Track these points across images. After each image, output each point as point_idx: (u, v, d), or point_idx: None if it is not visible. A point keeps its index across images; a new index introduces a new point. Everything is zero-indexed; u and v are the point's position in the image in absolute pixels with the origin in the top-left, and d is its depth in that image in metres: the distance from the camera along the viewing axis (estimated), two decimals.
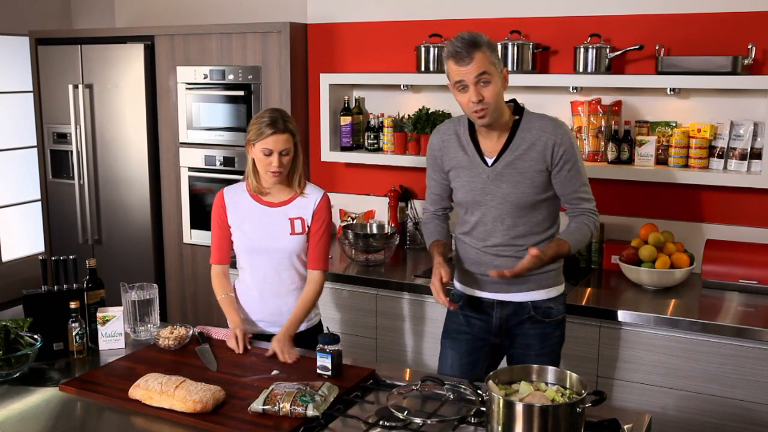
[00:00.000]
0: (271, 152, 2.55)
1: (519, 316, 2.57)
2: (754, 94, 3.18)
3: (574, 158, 2.48)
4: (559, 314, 2.61)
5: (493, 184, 2.50)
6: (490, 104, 2.38)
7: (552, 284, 2.58)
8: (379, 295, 3.39)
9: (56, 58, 4.63)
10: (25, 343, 2.34)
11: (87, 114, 4.56)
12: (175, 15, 4.85)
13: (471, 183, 2.54)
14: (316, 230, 2.68)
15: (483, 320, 2.62)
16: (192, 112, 4.30)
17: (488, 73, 2.35)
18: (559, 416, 1.76)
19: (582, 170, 2.53)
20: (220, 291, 2.72)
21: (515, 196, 2.48)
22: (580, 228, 2.53)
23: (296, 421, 1.96)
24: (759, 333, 2.70)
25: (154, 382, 2.10)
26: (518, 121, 2.50)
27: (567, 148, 2.46)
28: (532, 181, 2.46)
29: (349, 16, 4.01)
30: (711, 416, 2.81)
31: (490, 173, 2.50)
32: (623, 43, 3.36)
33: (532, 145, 2.46)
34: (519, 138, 2.48)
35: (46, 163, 4.82)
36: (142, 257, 4.58)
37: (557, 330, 2.62)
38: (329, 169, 4.18)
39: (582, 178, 2.53)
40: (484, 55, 2.35)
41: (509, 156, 2.48)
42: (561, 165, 2.46)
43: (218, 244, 2.74)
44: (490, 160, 2.50)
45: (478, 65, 2.34)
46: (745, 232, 3.29)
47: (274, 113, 2.58)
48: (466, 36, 2.36)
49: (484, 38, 2.38)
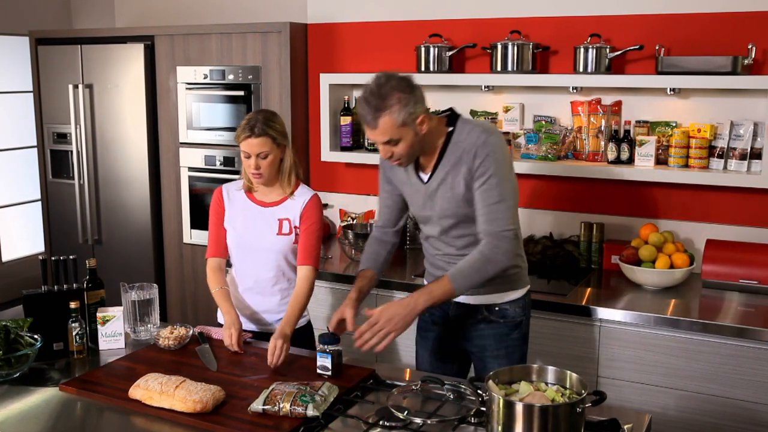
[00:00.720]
0: (249, 155, 2.60)
1: (473, 317, 2.53)
2: (754, 94, 3.18)
3: (493, 170, 2.28)
4: (516, 316, 2.53)
5: (430, 201, 2.43)
6: (402, 156, 2.31)
7: (508, 288, 2.50)
8: (379, 295, 3.39)
9: (56, 58, 4.63)
10: (25, 343, 2.34)
11: (87, 114, 4.56)
12: (175, 15, 4.85)
13: (413, 198, 2.50)
14: (305, 228, 2.69)
15: (443, 318, 2.59)
16: (192, 112, 4.30)
17: (394, 138, 2.24)
18: (559, 416, 1.76)
19: (501, 187, 2.29)
20: (215, 284, 2.71)
21: (452, 211, 2.40)
22: (473, 263, 2.30)
23: (296, 421, 1.96)
24: (759, 333, 2.70)
25: (154, 382, 2.10)
26: (451, 133, 2.38)
27: (485, 157, 2.28)
28: (463, 194, 2.35)
29: (349, 16, 4.01)
30: (711, 416, 2.81)
31: (425, 190, 2.43)
32: (623, 43, 3.36)
33: (459, 159, 2.34)
34: (450, 152, 2.36)
35: (46, 163, 4.82)
36: (142, 257, 4.57)
37: (515, 331, 2.54)
38: (329, 169, 4.18)
39: (497, 196, 2.29)
40: (391, 119, 2.21)
41: (441, 172, 2.38)
42: (476, 177, 2.31)
43: (216, 238, 2.75)
44: (426, 177, 2.43)
45: (383, 133, 2.24)
46: (745, 232, 3.29)
47: (257, 115, 2.61)
48: (371, 99, 2.22)
49: (394, 97, 2.20)
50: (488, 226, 2.30)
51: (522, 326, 2.57)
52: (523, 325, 2.57)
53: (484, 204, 2.30)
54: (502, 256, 2.29)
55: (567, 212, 3.63)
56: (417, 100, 2.25)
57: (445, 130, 2.38)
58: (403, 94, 2.22)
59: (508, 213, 2.31)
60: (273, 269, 2.72)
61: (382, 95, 2.21)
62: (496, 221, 2.29)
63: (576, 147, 3.50)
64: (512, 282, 2.52)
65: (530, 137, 3.53)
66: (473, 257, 2.31)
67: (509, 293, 2.51)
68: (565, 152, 3.52)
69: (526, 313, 2.59)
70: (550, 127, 3.56)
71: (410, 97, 2.23)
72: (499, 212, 2.29)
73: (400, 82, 2.24)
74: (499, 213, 2.29)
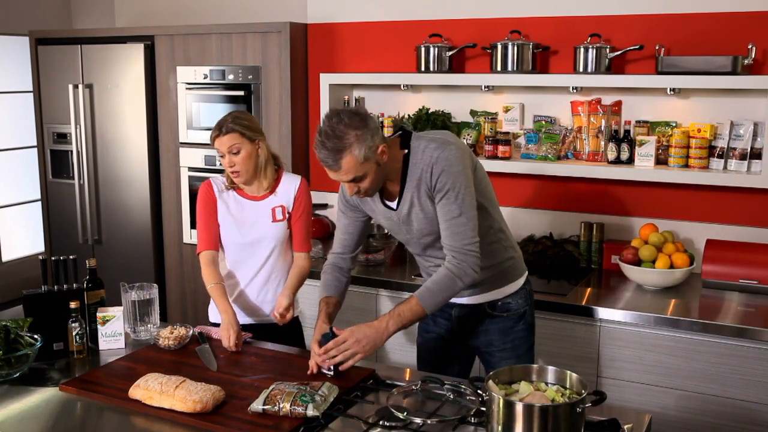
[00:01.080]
0: (223, 154, 2.64)
1: (476, 315, 2.53)
2: (754, 94, 3.18)
3: (449, 185, 2.23)
4: (519, 308, 2.53)
5: (406, 226, 2.39)
6: (369, 189, 2.27)
7: (506, 282, 2.50)
8: (379, 294, 3.39)
9: (56, 58, 4.63)
10: (25, 343, 2.34)
11: (87, 114, 4.56)
12: (175, 15, 4.85)
13: (388, 224, 2.46)
14: (299, 215, 2.77)
15: (445, 318, 2.58)
16: (192, 112, 4.30)
17: (359, 174, 2.20)
18: (559, 416, 1.76)
19: (461, 200, 2.24)
20: (211, 279, 2.67)
21: (430, 229, 2.35)
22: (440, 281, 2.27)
23: (296, 421, 1.96)
24: (759, 333, 2.70)
25: (154, 382, 2.10)
26: (407, 156, 2.31)
27: (441, 173, 2.24)
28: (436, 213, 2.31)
29: (349, 16, 4.01)
30: (711, 416, 2.81)
31: (397, 217, 2.39)
32: (623, 43, 3.36)
33: (419, 180, 2.28)
34: (410, 175, 2.30)
35: (46, 163, 4.82)
36: (142, 257, 4.57)
37: (520, 323, 2.54)
38: None
39: (456, 210, 2.24)
40: (352, 158, 2.16)
41: (407, 197, 2.33)
42: (436, 192, 2.27)
43: (207, 231, 2.73)
44: (393, 204, 2.38)
45: (347, 173, 2.19)
46: (745, 232, 3.29)
47: (227, 116, 2.67)
48: (328, 143, 2.15)
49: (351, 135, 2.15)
50: (451, 241, 2.27)
51: (526, 316, 2.56)
52: (527, 314, 2.57)
53: (445, 219, 2.27)
54: (470, 269, 2.26)
55: (567, 212, 3.63)
56: (373, 133, 2.19)
57: (400, 154, 2.32)
58: (358, 131, 2.16)
59: (469, 225, 2.26)
60: (270, 258, 2.77)
61: (338, 136, 2.15)
62: (458, 235, 2.26)
63: (576, 147, 3.50)
64: (509, 275, 2.51)
65: (530, 137, 3.53)
66: (441, 275, 2.28)
67: (508, 287, 2.51)
68: (565, 152, 3.52)
69: (529, 302, 2.58)
70: (550, 127, 3.56)
71: (366, 131, 2.17)
72: (461, 226, 2.25)
73: (352, 118, 2.18)
74: (460, 227, 2.25)
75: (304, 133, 4.18)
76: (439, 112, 3.73)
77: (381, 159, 2.23)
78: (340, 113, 2.19)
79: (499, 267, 2.47)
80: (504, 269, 2.49)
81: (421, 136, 2.34)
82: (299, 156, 4.15)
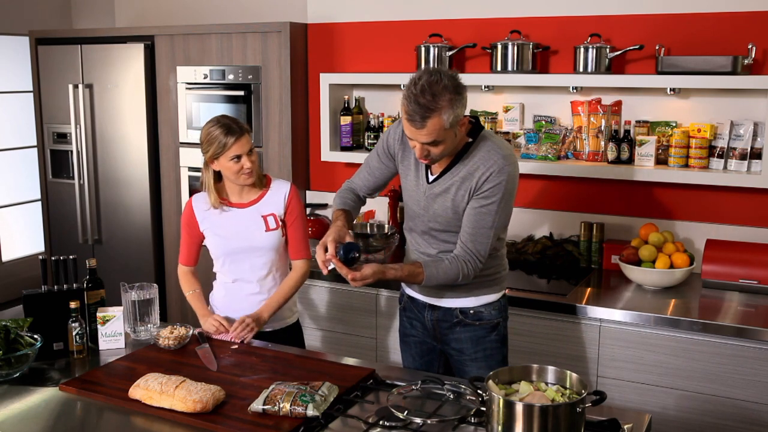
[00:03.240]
0: (240, 156, 2.61)
1: (448, 320, 2.52)
2: (754, 94, 3.18)
3: (495, 199, 2.30)
4: (492, 318, 2.52)
5: (426, 202, 2.43)
6: (438, 157, 2.29)
7: (483, 293, 2.50)
8: (379, 294, 3.39)
9: (56, 58, 4.63)
10: (25, 343, 2.34)
11: (87, 114, 4.56)
12: (175, 15, 4.85)
13: (412, 191, 2.48)
14: (293, 221, 2.76)
15: (420, 321, 2.60)
16: (192, 112, 4.30)
17: (438, 139, 2.21)
18: (559, 416, 1.76)
19: (497, 216, 2.33)
20: (188, 287, 2.82)
21: (444, 219, 2.40)
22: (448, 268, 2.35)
23: (296, 421, 1.96)
24: (759, 333, 2.70)
25: (154, 382, 2.10)
26: (470, 144, 2.35)
27: (495, 186, 2.29)
28: (463, 210, 2.36)
29: (349, 16, 4.01)
30: (711, 416, 2.81)
31: (427, 190, 2.42)
32: (623, 43, 3.36)
33: (469, 174, 2.33)
34: (462, 163, 2.35)
35: (46, 163, 4.82)
36: (142, 257, 4.57)
37: (492, 333, 2.52)
38: (329, 169, 4.18)
39: (490, 221, 2.32)
40: (440, 121, 2.16)
41: (447, 180, 2.37)
42: (478, 197, 2.31)
43: (187, 249, 2.83)
44: (432, 177, 2.41)
45: (429, 134, 2.18)
46: (745, 232, 3.29)
47: (223, 120, 2.65)
48: (422, 100, 2.14)
49: (446, 98, 2.15)
50: (472, 244, 2.35)
51: (500, 328, 2.55)
52: (501, 326, 2.56)
53: (476, 225, 2.33)
54: (471, 273, 2.36)
55: (567, 212, 3.63)
56: (464, 103, 2.22)
57: (465, 140, 2.35)
58: (453, 96, 2.16)
59: (492, 239, 2.36)
60: (266, 267, 2.75)
61: (433, 94, 2.14)
62: (480, 243, 2.34)
63: (576, 147, 3.50)
64: (489, 286, 2.52)
65: (530, 137, 3.53)
66: (450, 263, 2.35)
67: (484, 297, 2.51)
68: (565, 152, 3.52)
69: (503, 314, 2.57)
70: (550, 127, 3.56)
71: (459, 99, 2.19)
72: (486, 237, 2.34)
73: (452, 80, 2.18)
74: (485, 238, 2.34)
75: (304, 133, 4.18)
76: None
77: (459, 131, 2.27)
78: (440, 72, 2.19)
79: (482, 277, 2.47)
80: (486, 279, 2.49)
81: (490, 136, 2.38)
82: (299, 156, 4.15)
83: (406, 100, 2.18)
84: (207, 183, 2.72)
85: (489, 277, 2.50)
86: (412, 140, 2.27)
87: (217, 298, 2.83)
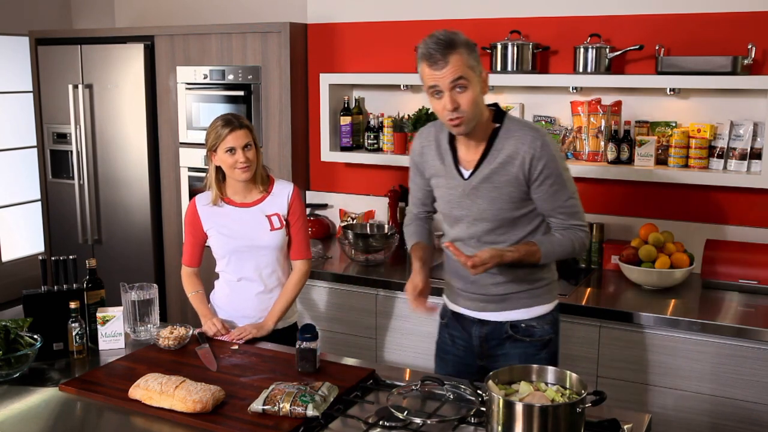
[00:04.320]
0: (234, 149, 2.63)
1: (498, 336, 2.41)
2: (753, 94, 3.18)
3: (557, 171, 2.28)
4: (544, 334, 2.41)
5: (468, 199, 2.33)
6: (467, 112, 2.18)
7: (535, 303, 2.40)
8: (379, 295, 3.39)
9: (56, 58, 4.63)
10: (25, 343, 2.34)
11: (87, 114, 4.56)
12: (175, 15, 4.85)
13: (448, 195, 2.39)
14: (296, 221, 2.78)
15: (464, 339, 2.48)
16: (192, 112, 4.30)
17: (465, 78, 2.14)
18: (559, 416, 1.76)
19: (567, 182, 2.32)
20: (191, 288, 2.82)
21: (492, 213, 2.31)
22: (562, 240, 2.32)
23: (296, 421, 1.96)
24: (759, 333, 2.70)
25: (154, 382, 2.10)
26: (497, 130, 2.30)
27: (547, 161, 2.25)
28: (510, 196, 2.29)
29: (349, 16, 4.01)
30: (710, 416, 2.81)
31: (465, 187, 2.33)
32: (623, 43, 3.36)
33: (509, 158, 2.26)
34: (496, 149, 2.28)
35: (45, 163, 4.82)
36: (142, 257, 4.57)
37: (543, 351, 2.41)
38: (329, 169, 4.18)
39: (567, 191, 2.31)
40: (461, 57, 2.13)
41: (486, 169, 2.29)
42: (542, 180, 2.26)
43: (191, 250, 2.83)
44: (467, 173, 2.33)
45: (454, 69, 2.12)
46: (745, 232, 3.29)
47: (226, 115, 2.69)
48: (441, 36, 2.14)
49: (462, 38, 2.16)
50: (568, 219, 2.33)
51: (551, 345, 2.43)
52: (552, 343, 2.44)
53: (557, 203, 2.30)
54: (585, 239, 2.35)
55: None
56: (480, 62, 2.21)
57: (491, 126, 2.30)
58: (470, 42, 2.17)
59: (580, 207, 2.35)
60: (270, 265, 2.77)
61: (450, 36, 2.14)
62: (576, 215, 2.34)
63: (576, 147, 3.50)
64: (539, 296, 2.41)
65: None
66: (562, 235, 2.33)
67: (536, 308, 2.40)
68: (565, 152, 3.52)
69: (556, 329, 2.46)
70: (550, 127, 3.56)
71: (475, 48, 2.19)
72: (573, 206, 2.33)
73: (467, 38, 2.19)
74: (573, 207, 2.33)
75: (304, 133, 4.18)
76: None
77: (483, 87, 2.23)
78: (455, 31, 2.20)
79: (533, 284, 2.38)
80: (537, 287, 2.39)
81: (515, 118, 2.35)
82: (299, 157, 4.15)
83: (423, 45, 2.16)
84: (209, 178, 2.73)
85: (538, 283, 2.39)
86: (437, 91, 2.18)
87: (219, 298, 2.83)
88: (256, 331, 2.63)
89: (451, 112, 2.17)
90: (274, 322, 2.70)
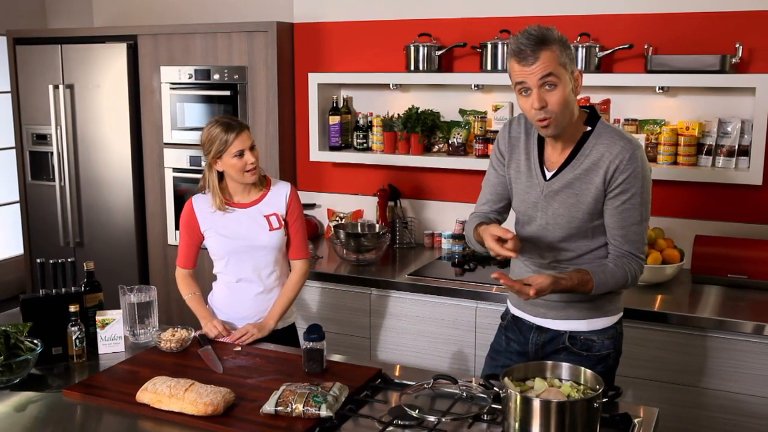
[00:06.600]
0: (243, 151, 2.62)
1: (554, 344, 2.30)
2: (741, 92, 3.24)
3: (635, 190, 2.11)
4: (603, 349, 2.27)
5: (545, 201, 2.21)
6: (555, 112, 2.06)
7: (597, 315, 2.26)
8: (372, 294, 3.38)
9: (35, 58, 4.55)
10: (26, 348, 2.30)
11: (68, 115, 4.48)
12: (156, 14, 4.79)
13: (525, 193, 2.27)
14: (294, 221, 2.77)
15: (520, 344, 2.37)
16: (176, 113, 4.25)
17: (555, 75, 2.03)
18: (576, 412, 1.78)
19: (643, 207, 2.15)
20: (187, 290, 2.78)
21: (566, 219, 2.19)
22: (615, 271, 2.16)
23: (309, 422, 1.95)
24: (748, 326, 2.74)
25: (162, 385, 2.07)
26: (588, 134, 2.17)
27: (630, 175, 2.10)
28: (588, 206, 2.16)
29: (336, 15, 4.00)
30: (704, 409, 2.86)
31: (545, 188, 2.21)
32: (612, 42, 3.40)
33: (594, 165, 2.13)
34: (583, 154, 2.15)
35: (24, 165, 4.73)
36: (125, 260, 4.51)
37: (599, 366, 2.25)
38: (317, 168, 4.17)
39: (638, 216, 2.14)
40: (553, 54, 2.02)
41: (569, 174, 2.17)
42: (617, 193, 2.12)
43: (186, 251, 2.79)
44: (549, 174, 2.21)
45: (544, 66, 2.01)
46: (733, 227, 3.35)
47: (222, 119, 2.66)
48: (533, 31, 2.03)
49: (556, 34, 2.05)
50: (627, 245, 2.17)
51: (608, 360, 2.30)
52: (610, 358, 2.31)
53: (623, 224, 2.15)
54: (638, 272, 2.19)
55: None
56: (573, 60, 2.09)
57: (583, 128, 2.19)
58: (563, 38, 2.06)
59: (644, 236, 2.19)
60: (269, 266, 2.75)
61: (543, 32, 2.03)
62: (634, 243, 2.17)
63: None
64: (602, 307, 2.28)
65: None
66: (615, 265, 2.16)
67: (597, 320, 2.28)
68: None
69: (617, 346, 2.32)
70: None
71: (569, 46, 2.08)
72: (638, 234, 2.17)
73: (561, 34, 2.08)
74: (637, 235, 2.17)
75: (291, 134, 4.16)
76: (428, 112, 3.73)
77: (575, 87, 2.10)
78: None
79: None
80: (600, 297, 2.25)
81: (609, 125, 2.20)
82: (286, 156, 4.13)
83: (513, 41, 2.05)
84: (212, 185, 2.69)
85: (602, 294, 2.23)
86: (525, 89, 2.07)
87: (218, 300, 2.80)
88: (257, 332, 2.61)
89: (538, 111, 2.06)
90: (275, 321, 2.69)
